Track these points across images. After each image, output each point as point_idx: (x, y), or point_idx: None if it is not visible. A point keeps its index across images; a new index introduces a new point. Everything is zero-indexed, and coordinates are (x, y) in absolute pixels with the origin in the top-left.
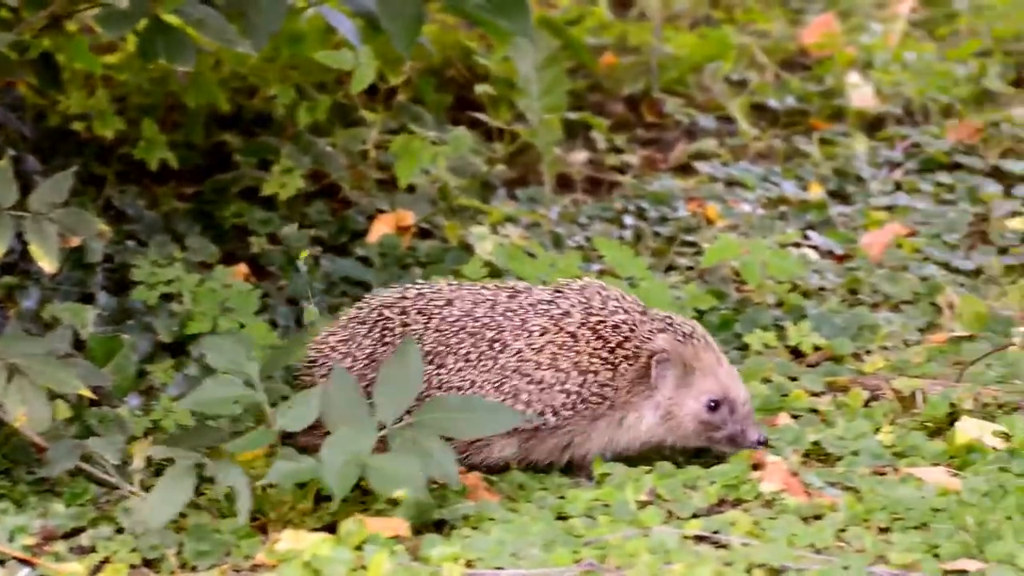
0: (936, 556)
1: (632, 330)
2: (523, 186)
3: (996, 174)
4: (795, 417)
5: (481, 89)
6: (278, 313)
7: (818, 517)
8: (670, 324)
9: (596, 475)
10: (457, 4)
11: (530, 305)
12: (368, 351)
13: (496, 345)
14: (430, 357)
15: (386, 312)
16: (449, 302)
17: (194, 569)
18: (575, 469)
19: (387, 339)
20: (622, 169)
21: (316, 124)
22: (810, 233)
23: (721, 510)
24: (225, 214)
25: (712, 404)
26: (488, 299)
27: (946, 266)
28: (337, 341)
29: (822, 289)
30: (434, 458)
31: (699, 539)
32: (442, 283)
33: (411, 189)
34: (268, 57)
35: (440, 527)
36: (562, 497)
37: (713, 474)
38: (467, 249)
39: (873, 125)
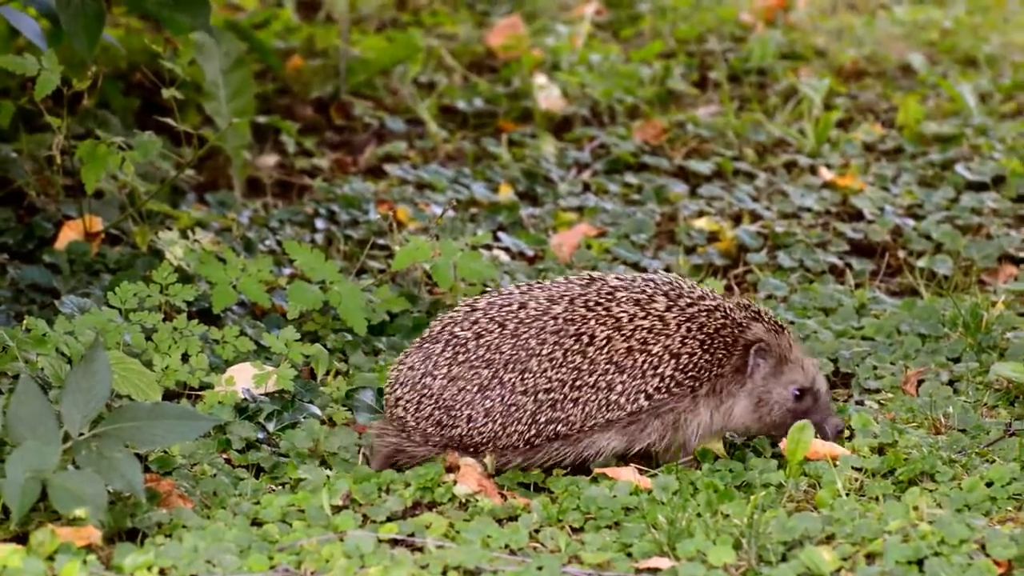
0: (629, 555)
1: (726, 316)
2: (213, 191)
3: (682, 174)
4: None
5: (168, 93)
6: None
7: (513, 518)
8: (759, 314)
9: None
10: (139, 1)
11: (608, 294)
12: (444, 370)
13: (584, 337)
14: (510, 365)
15: (456, 330)
16: (522, 305)
17: None
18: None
19: (460, 357)
20: (312, 172)
21: (0, 130)
22: (501, 234)
23: (416, 513)
24: None
25: (798, 393)
26: (564, 294)
27: (635, 266)
28: (415, 360)
29: None
30: (119, 470)
31: (395, 542)
32: (511, 287)
33: (99, 195)
34: None
35: (133, 535)
36: (257, 503)
37: (408, 477)
38: (157, 255)
39: (561, 126)
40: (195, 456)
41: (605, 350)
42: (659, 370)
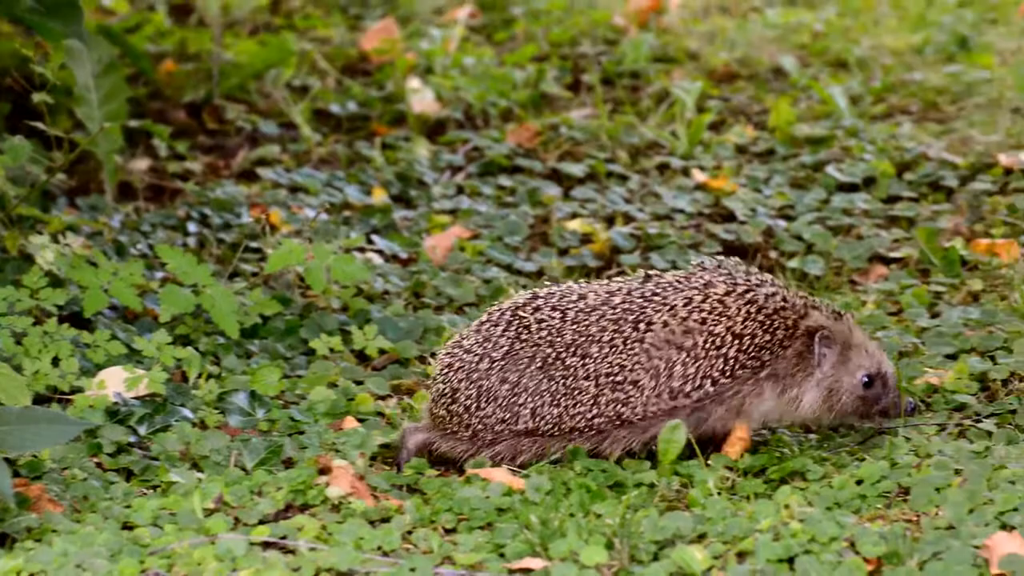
0: (502, 555)
1: (786, 300)
2: (84, 195)
3: (555, 176)
4: (361, 421)
5: (39, 98)
6: None
7: (385, 520)
8: (816, 303)
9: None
10: (10, 7)
11: (667, 284)
12: (504, 349)
13: (641, 325)
14: (572, 349)
15: (520, 312)
16: (582, 296)
17: None
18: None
19: (523, 336)
20: (184, 176)
21: None
22: (374, 237)
23: (289, 515)
24: None
25: (867, 379)
26: (621, 287)
27: (508, 268)
28: (472, 344)
29: (387, 293)
30: None
31: (267, 545)
32: (571, 284)
33: None
34: None
35: (2, 540)
36: (128, 506)
37: (280, 480)
38: (27, 259)
39: (434, 130)
40: (65, 460)
41: (663, 333)
42: (722, 351)
